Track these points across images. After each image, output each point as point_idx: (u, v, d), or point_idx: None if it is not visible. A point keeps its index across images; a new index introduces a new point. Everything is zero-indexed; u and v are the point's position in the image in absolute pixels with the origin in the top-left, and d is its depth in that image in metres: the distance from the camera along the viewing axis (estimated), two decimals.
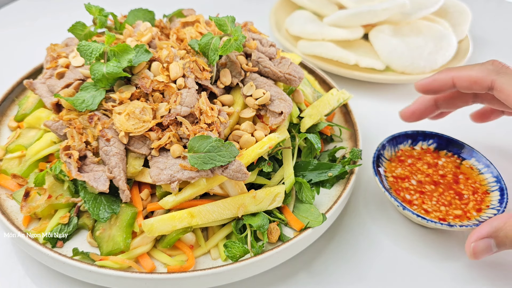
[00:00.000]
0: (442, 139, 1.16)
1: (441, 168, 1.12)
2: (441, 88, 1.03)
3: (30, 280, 0.93)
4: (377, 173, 1.05)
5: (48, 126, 0.94)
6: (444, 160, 1.13)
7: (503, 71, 0.94)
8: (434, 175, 1.10)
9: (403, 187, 1.07)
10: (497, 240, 0.87)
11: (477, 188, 1.06)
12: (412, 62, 1.48)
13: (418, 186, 1.07)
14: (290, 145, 1.01)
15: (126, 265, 0.86)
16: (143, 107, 0.92)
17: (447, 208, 1.02)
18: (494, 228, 0.87)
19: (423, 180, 1.09)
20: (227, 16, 0.97)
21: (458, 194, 1.05)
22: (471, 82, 0.97)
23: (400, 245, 1.03)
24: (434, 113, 1.14)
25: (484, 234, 0.87)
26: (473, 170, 1.10)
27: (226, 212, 0.90)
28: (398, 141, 1.15)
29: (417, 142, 1.16)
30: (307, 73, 1.34)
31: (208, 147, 0.85)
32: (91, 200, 0.89)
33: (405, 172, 1.10)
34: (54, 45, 1.16)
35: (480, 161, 1.10)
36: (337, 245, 1.03)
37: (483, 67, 0.97)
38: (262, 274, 0.93)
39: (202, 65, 0.99)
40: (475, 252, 0.88)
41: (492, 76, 0.94)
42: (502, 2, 2.09)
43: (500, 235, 0.86)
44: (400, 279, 0.97)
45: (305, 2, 1.72)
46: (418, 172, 1.10)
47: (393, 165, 1.12)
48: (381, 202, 1.13)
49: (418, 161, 1.13)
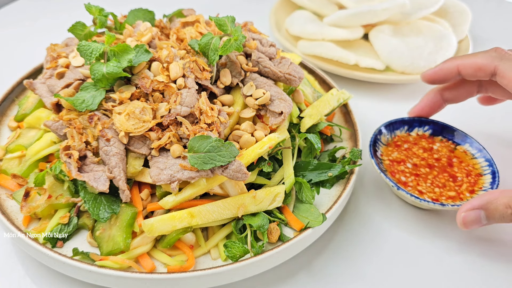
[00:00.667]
0: (437, 125, 1.19)
1: (435, 152, 1.16)
2: (446, 77, 1.07)
3: (30, 280, 0.93)
4: (374, 156, 1.08)
5: (48, 126, 0.94)
6: (439, 145, 1.17)
7: (506, 57, 0.98)
8: (429, 159, 1.14)
9: (399, 169, 1.10)
10: (487, 212, 0.90)
11: (470, 171, 1.10)
12: (412, 62, 1.48)
13: (413, 169, 1.11)
14: (290, 145, 1.01)
15: (126, 265, 0.86)
16: (143, 107, 0.92)
17: (441, 190, 1.06)
18: (485, 201, 0.91)
19: (418, 163, 1.12)
20: (227, 16, 0.97)
21: (452, 177, 1.09)
22: (476, 69, 1.01)
23: (402, 246, 1.03)
24: (442, 108, 1.17)
25: (475, 206, 0.91)
26: (466, 154, 1.14)
27: (226, 212, 0.90)
28: (395, 127, 1.19)
29: (413, 128, 1.20)
30: (307, 73, 1.34)
31: (208, 147, 0.85)
32: (91, 200, 0.89)
33: (401, 156, 1.14)
34: (54, 45, 1.16)
35: (473, 146, 1.14)
36: (337, 245, 1.03)
37: (487, 54, 1.00)
38: (262, 274, 0.93)
39: (202, 65, 0.99)
40: (465, 222, 0.92)
41: (495, 62, 0.98)
42: (502, 2, 2.09)
43: (490, 208, 0.89)
44: (400, 278, 0.97)
45: (305, 2, 1.72)
46: (413, 156, 1.14)
47: (389, 149, 1.16)
48: (382, 201, 1.13)
49: (413, 145, 1.17)
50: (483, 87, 1.11)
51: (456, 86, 1.12)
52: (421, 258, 1.01)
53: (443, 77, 1.07)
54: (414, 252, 1.02)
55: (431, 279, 0.97)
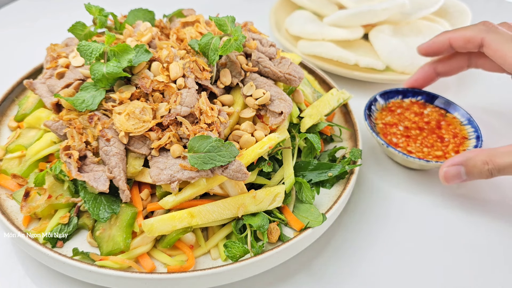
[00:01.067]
0: (429, 96, 1.29)
1: (426, 116, 1.25)
2: (440, 49, 1.18)
3: (30, 280, 0.93)
4: (368, 119, 1.17)
5: (48, 126, 0.94)
6: (430, 110, 1.27)
7: (492, 30, 1.07)
8: (420, 122, 1.23)
9: (391, 132, 1.20)
10: (466, 168, 0.99)
11: (457, 133, 1.20)
12: (412, 62, 1.48)
13: (404, 131, 1.21)
14: (290, 145, 1.01)
15: (126, 265, 0.86)
16: (143, 107, 0.92)
17: (429, 150, 1.15)
18: (465, 157, 0.99)
19: (410, 126, 1.22)
20: (227, 16, 0.97)
21: (440, 138, 1.19)
22: (465, 41, 1.11)
23: (402, 246, 1.03)
24: (434, 80, 1.27)
25: (456, 162, 1.00)
26: (455, 120, 1.24)
27: (226, 212, 0.90)
28: (390, 96, 1.29)
29: (407, 97, 1.30)
30: (307, 73, 1.34)
31: (208, 147, 0.85)
32: (91, 200, 0.89)
33: (393, 120, 1.23)
34: (54, 45, 1.16)
35: (462, 115, 1.23)
36: (337, 245, 1.03)
37: (476, 27, 1.10)
38: (262, 274, 0.93)
39: (202, 65, 0.99)
40: (446, 176, 1.01)
41: (482, 34, 1.07)
42: (502, 2, 2.09)
43: (469, 164, 0.98)
44: (400, 279, 0.97)
45: (305, 2, 1.72)
46: (405, 119, 1.24)
47: (383, 114, 1.25)
48: (382, 201, 1.13)
49: (406, 111, 1.26)
50: (472, 61, 1.20)
51: (448, 59, 1.22)
52: (422, 257, 1.01)
53: (437, 50, 1.18)
54: (414, 252, 1.02)
55: (431, 280, 0.97)
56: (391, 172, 1.21)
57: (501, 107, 1.46)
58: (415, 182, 1.18)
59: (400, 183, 1.18)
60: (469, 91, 1.53)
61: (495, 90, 1.53)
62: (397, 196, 1.15)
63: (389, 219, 1.09)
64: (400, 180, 1.19)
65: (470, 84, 1.55)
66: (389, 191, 1.16)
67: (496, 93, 1.53)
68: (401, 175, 1.20)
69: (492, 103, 1.48)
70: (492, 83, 1.54)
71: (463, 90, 1.53)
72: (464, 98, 1.45)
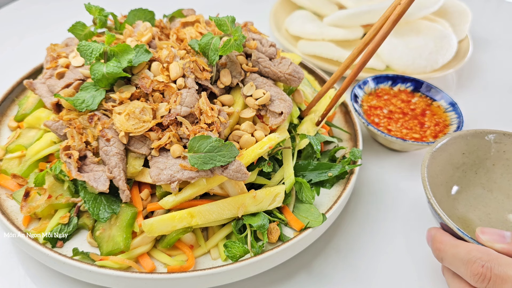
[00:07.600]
0: (418, 83, 1.36)
1: (412, 105, 1.31)
2: None
3: (30, 280, 0.93)
4: (353, 99, 1.24)
5: (48, 126, 0.94)
6: (417, 99, 1.33)
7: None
8: (405, 108, 1.30)
9: (374, 113, 1.27)
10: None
11: (439, 122, 1.26)
12: (412, 62, 1.48)
13: (388, 114, 1.28)
14: (290, 145, 1.01)
15: (126, 265, 0.86)
16: (143, 107, 0.92)
17: (407, 131, 1.23)
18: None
19: (394, 110, 1.29)
20: (227, 16, 0.97)
21: (421, 124, 1.26)
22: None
23: (403, 247, 1.03)
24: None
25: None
26: (440, 108, 1.30)
27: (226, 212, 0.90)
28: (379, 81, 1.35)
29: (396, 84, 1.37)
30: (307, 73, 1.34)
31: (208, 147, 0.85)
32: (91, 200, 0.89)
33: (379, 104, 1.30)
34: (54, 45, 1.16)
35: (447, 101, 1.30)
36: (337, 245, 1.03)
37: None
38: (262, 274, 0.93)
39: (202, 65, 0.99)
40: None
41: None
42: (502, 2, 2.09)
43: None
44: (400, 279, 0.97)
45: (305, 2, 1.72)
46: (391, 105, 1.31)
47: (370, 97, 1.32)
48: (382, 201, 1.13)
49: (393, 97, 1.33)
50: None
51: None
52: (423, 257, 1.01)
53: None
54: (415, 252, 1.02)
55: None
56: (391, 172, 1.21)
57: (501, 107, 1.45)
58: (418, 183, 1.18)
59: (400, 183, 1.18)
60: (469, 91, 1.53)
61: (495, 90, 1.53)
62: (397, 196, 1.15)
63: (389, 219, 1.09)
64: (401, 180, 1.19)
65: (470, 84, 1.57)
66: (389, 191, 1.16)
67: (496, 93, 1.52)
68: (402, 175, 1.20)
69: (492, 103, 1.48)
70: (492, 83, 1.56)
71: (463, 89, 1.53)
72: (465, 98, 1.45)
